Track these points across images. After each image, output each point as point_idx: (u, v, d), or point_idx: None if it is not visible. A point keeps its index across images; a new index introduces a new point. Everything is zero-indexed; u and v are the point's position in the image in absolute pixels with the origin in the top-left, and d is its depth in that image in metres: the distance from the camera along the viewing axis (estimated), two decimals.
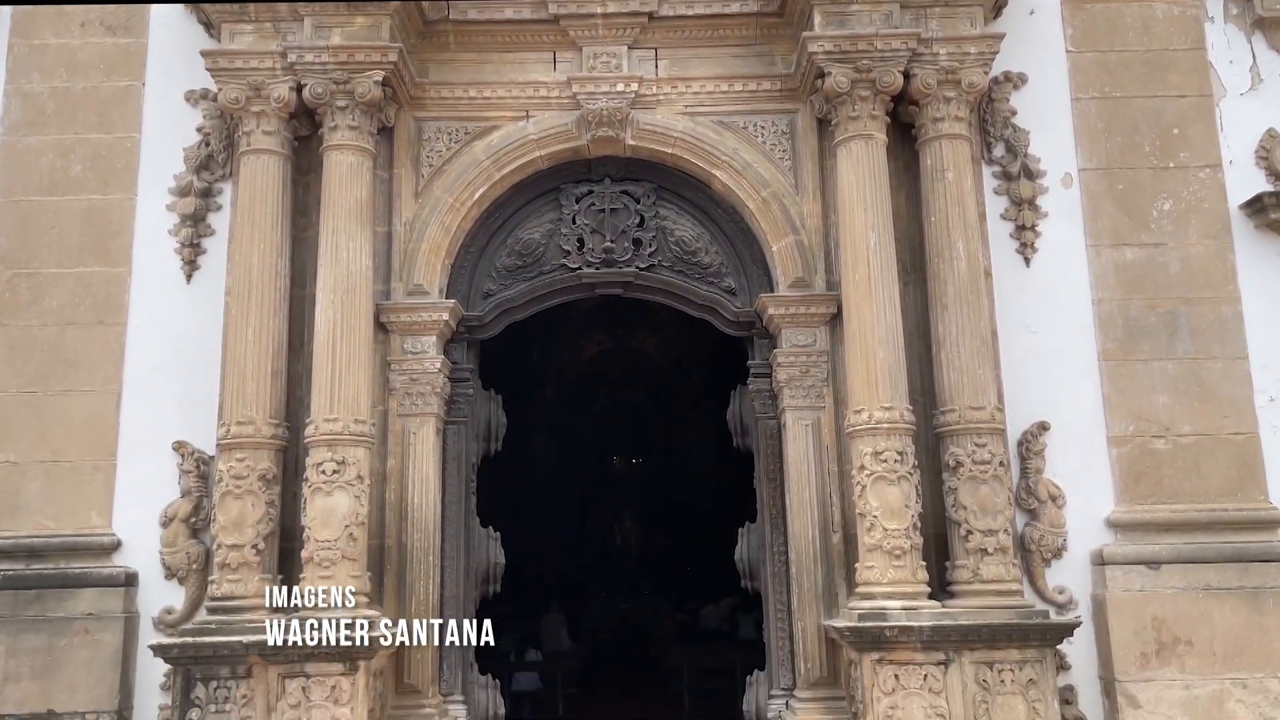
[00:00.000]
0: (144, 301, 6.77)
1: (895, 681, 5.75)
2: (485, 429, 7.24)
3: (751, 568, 6.97)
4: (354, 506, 6.05)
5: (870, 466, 6.04)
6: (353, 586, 5.98)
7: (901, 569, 5.93)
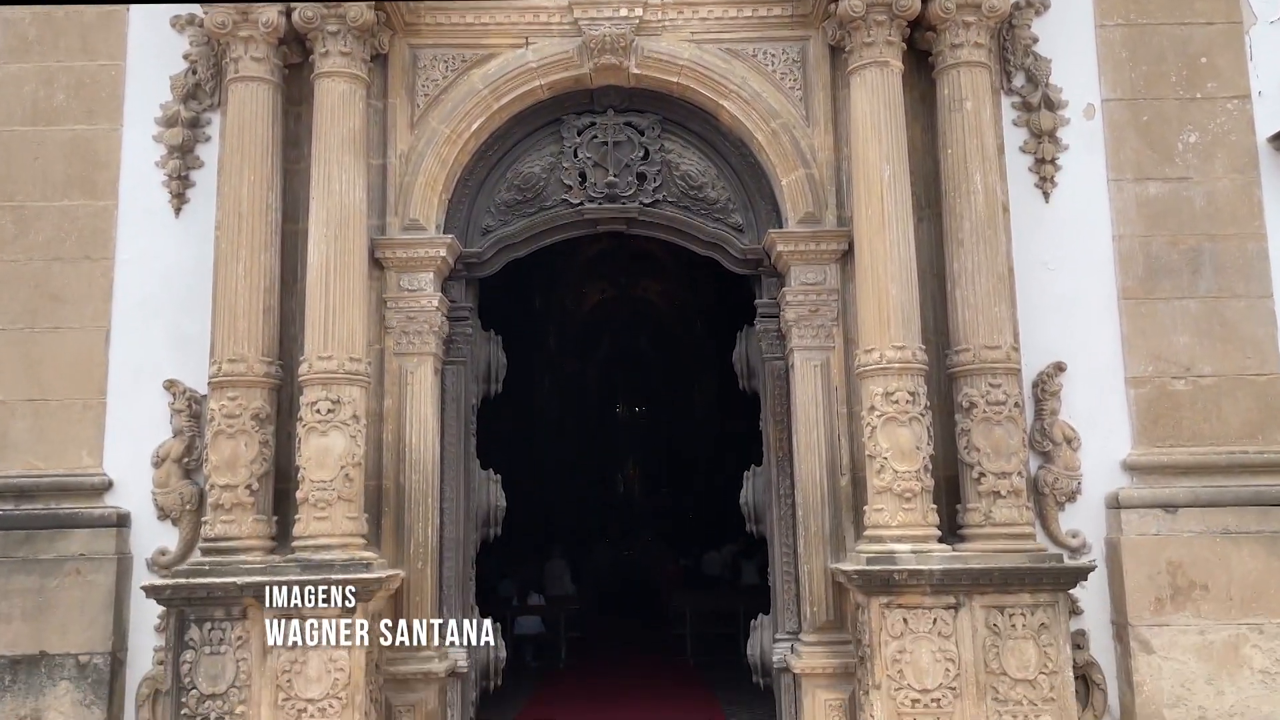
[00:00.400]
0: (132, 236, 6.52)
1: (904, 625, 5.59)
2: (485, 370, 7.02)
3: (757, 511, 6.79)
4: (350, 447, 5.85)
5: (881, 407, 5.83)
6: (349, 527, 5.82)
7: (912, 512, 5.74)
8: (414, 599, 6.13)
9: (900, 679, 5.53)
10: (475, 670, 6.61)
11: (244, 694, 5.58)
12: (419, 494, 6.24)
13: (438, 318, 6.42)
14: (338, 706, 5.53)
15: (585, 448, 24.75)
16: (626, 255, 22.48)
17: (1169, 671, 5.87)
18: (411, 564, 6.16)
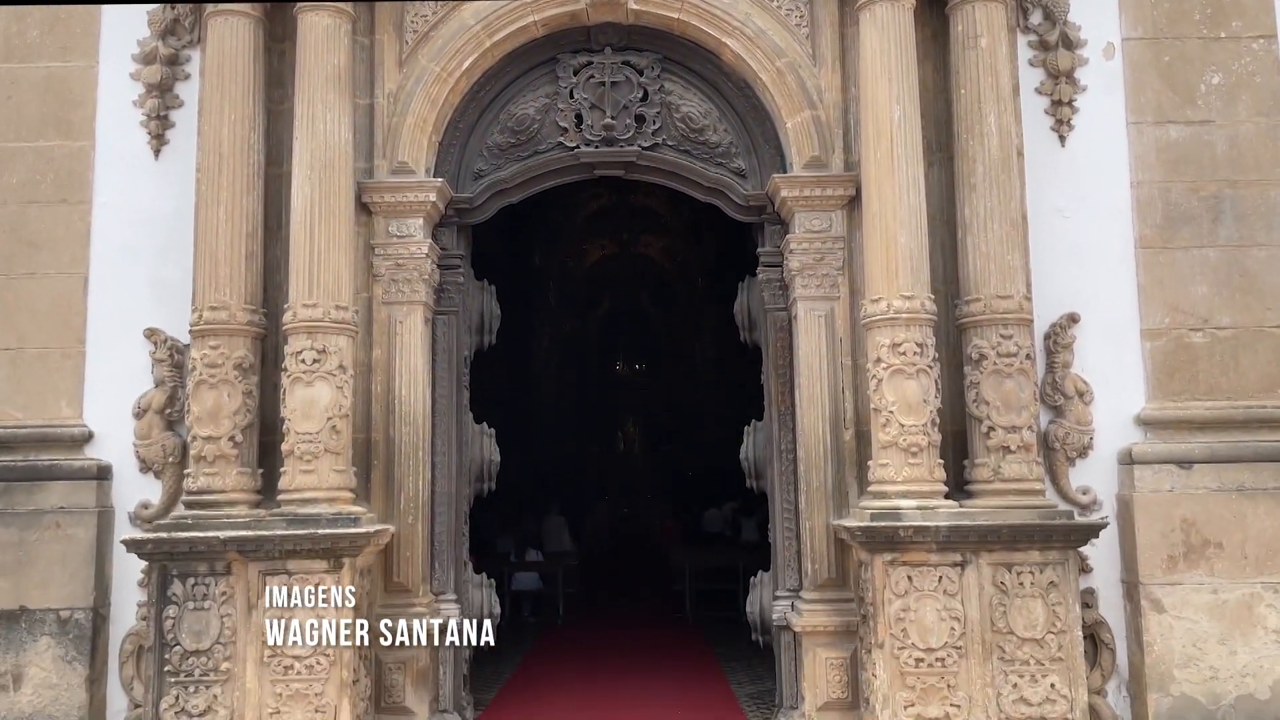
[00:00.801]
0: (110, 178, 6.23)
1: (908, 584, 5.39)
2: (478, 321, 6.77)
3: (757, 466, 6.57)
4: (336, 398, 5.62)
5: (887, 359, 5.58)
6: (337, 481, 5.60)
7: (918, 467, 5.51)
8: (404, 554, 5.93)
9: (904, 638, 5.34)
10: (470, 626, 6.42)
11: (229, 650, 5.40)
12: (409, 447, 6.02)
13: (428, 265, 6.15)
14: (325, 663, 5.34)
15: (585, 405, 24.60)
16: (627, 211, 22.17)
17: (1180, 631, 5.67)
18: (402, 519, 5.95)
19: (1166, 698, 5.64)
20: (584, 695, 7.18)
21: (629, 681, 7.63)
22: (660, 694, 7.19)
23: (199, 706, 5.37)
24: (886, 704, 5.31)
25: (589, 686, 7.47)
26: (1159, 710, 5.64)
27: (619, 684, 7.54)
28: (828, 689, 5.78)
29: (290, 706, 5.32)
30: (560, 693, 7.27)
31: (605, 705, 6.86)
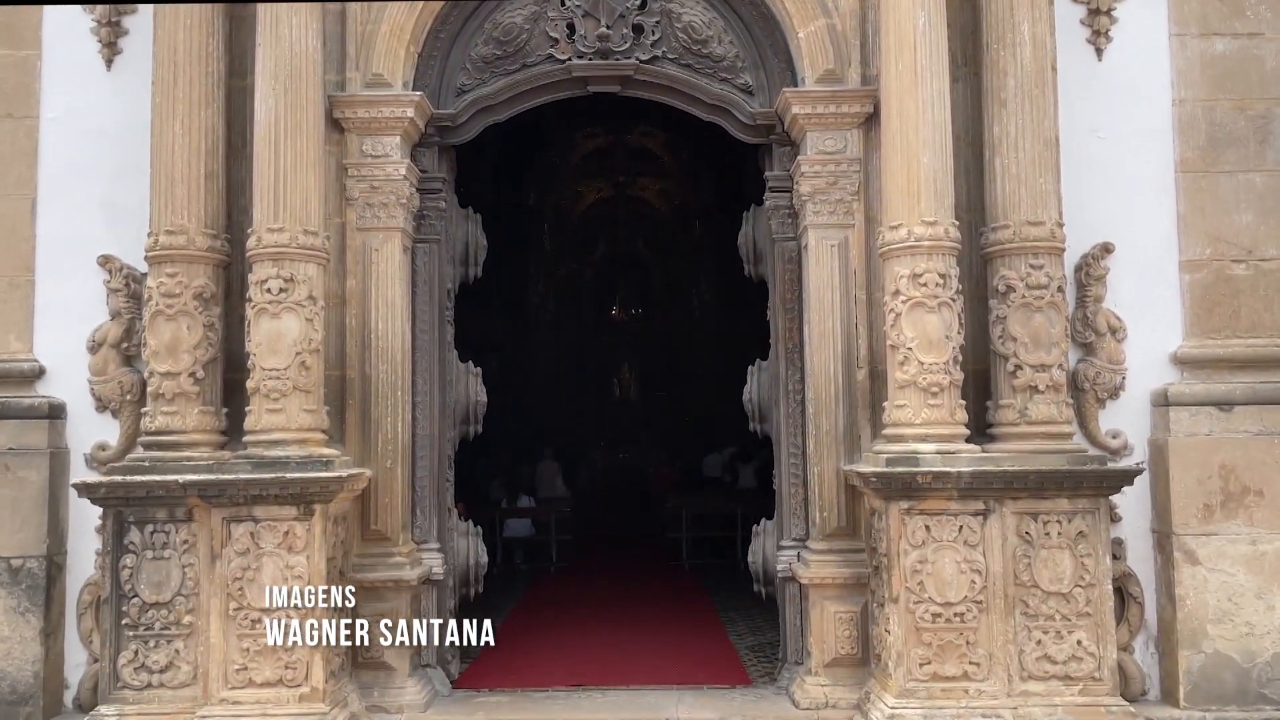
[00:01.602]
0: (59, 91, 5.63)
1: (926, 534, 4.92)
2: (462, 251, 6.22)
3: (762, 409, 6.08)
4: (305, 331, 5.08)
5: (907, 291, 5.05)
6: (307, 421, 5.10)
7: (938, 408, 5.01)
8: (383, 500, 5.45)
9: (920, 591, 4.89)
10: (454, 576, 5.98)
11: (191, 603, 4.94)
12: (387, 385, 5.51)
13: (405, 188, 5.58)
14: (295, 617, 4.89)
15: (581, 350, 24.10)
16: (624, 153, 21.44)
17: (1215, 584, 5.23)
18: (379, 462, 5.46)
19: (1198, 655, 5.22)
20: (576, 647, 6.77)
21: (623, 632, 7.22)
22: (656, 646, 6.78)
23: (160, 662, 4.92)
24: (900, 661, 4.88)
25: (581, 637, 7.06)
26: (1190, 668, 5.21)
27: (613, 635, 7.12)
28: (836, 644, 5.34)
29: (258, 663, 4.87)
30: (551, 644, 6.85)
31: (598, 658, 6.44)
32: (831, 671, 5.34)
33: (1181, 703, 5.21)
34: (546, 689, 5.72)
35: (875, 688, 5.11)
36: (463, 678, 5.92)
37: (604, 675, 5.98)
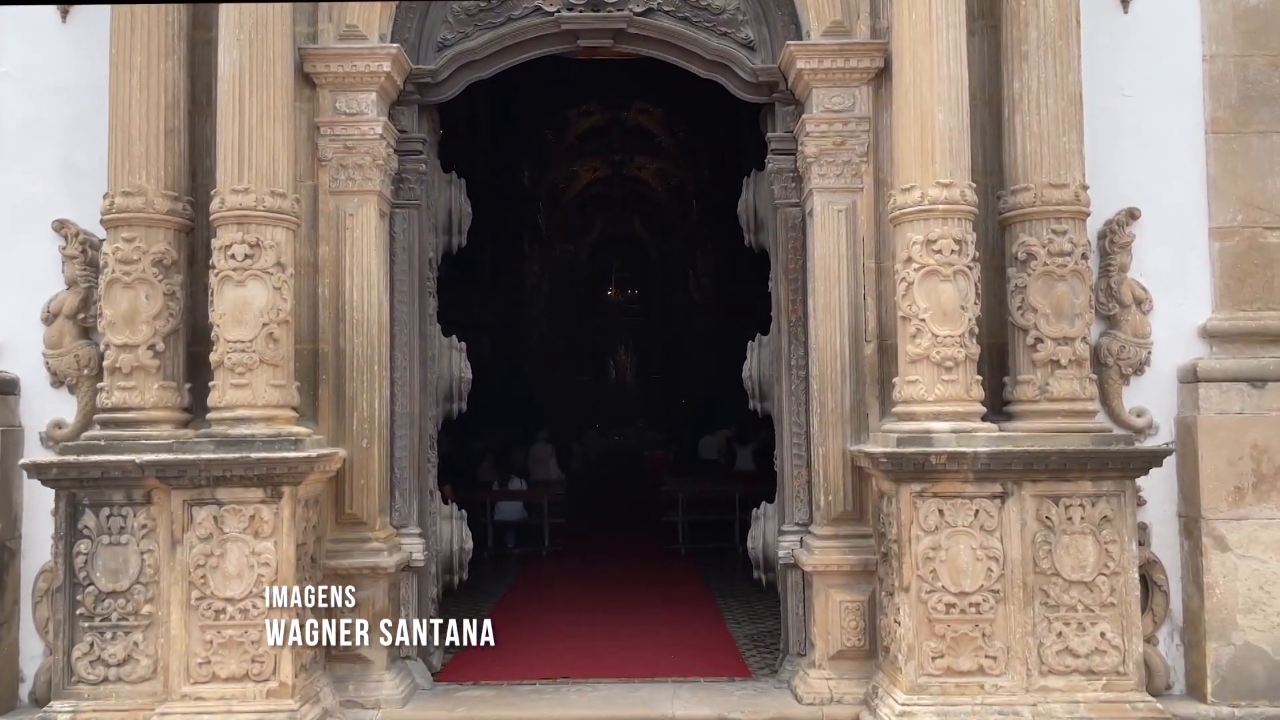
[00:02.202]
0: (11, 43, 5.22)
1: (939, 518, 4.55)
2: (445, 218, 5.81)
3: (762, 386, 5.69)
4: (273, 300, 4.68)
5: (920, 258, 4.65)
6: (275, 397, 4.71)
7: (952, 384, 4.63)
8: (358, 482, 5.06)
9: (933, 580, 4.52)
10: (437, 563, 5.61)
11: (150, 591, 4.56)
12: (363, 360, 5.11)
13: (382, 148, 5.16)
14: (263, 606, 4.52)
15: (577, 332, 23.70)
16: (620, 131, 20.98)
17: (1246, 572, 4.86)
18: (354, 442, 5.07)
19: (1227, 646, 4.85)
20: (567, 635, 6.40)
21: (616, 620, 6.85)
22: (651, 635, 6.41)
23: (117, 655, 4.54)
24: (912, 655, 4.51)
25: (572, 625, 6.69)
26: (1218, 660, 4.85)
27: (606, 622, 6.75)
28: (842, 636, 4.97)
29: (222, 656, 4.50)
30: (541, 632, 6.49)
31: (590, 648, 6.07)
32: (837, 664, 4.97)
33: (1209, 697, 4.85)
34: (534, 681, 5.34)
35: (884, 682, 4.75)
36: (446, 670, 5.55)
37: (596, 666, 5.62)
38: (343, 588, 4.90)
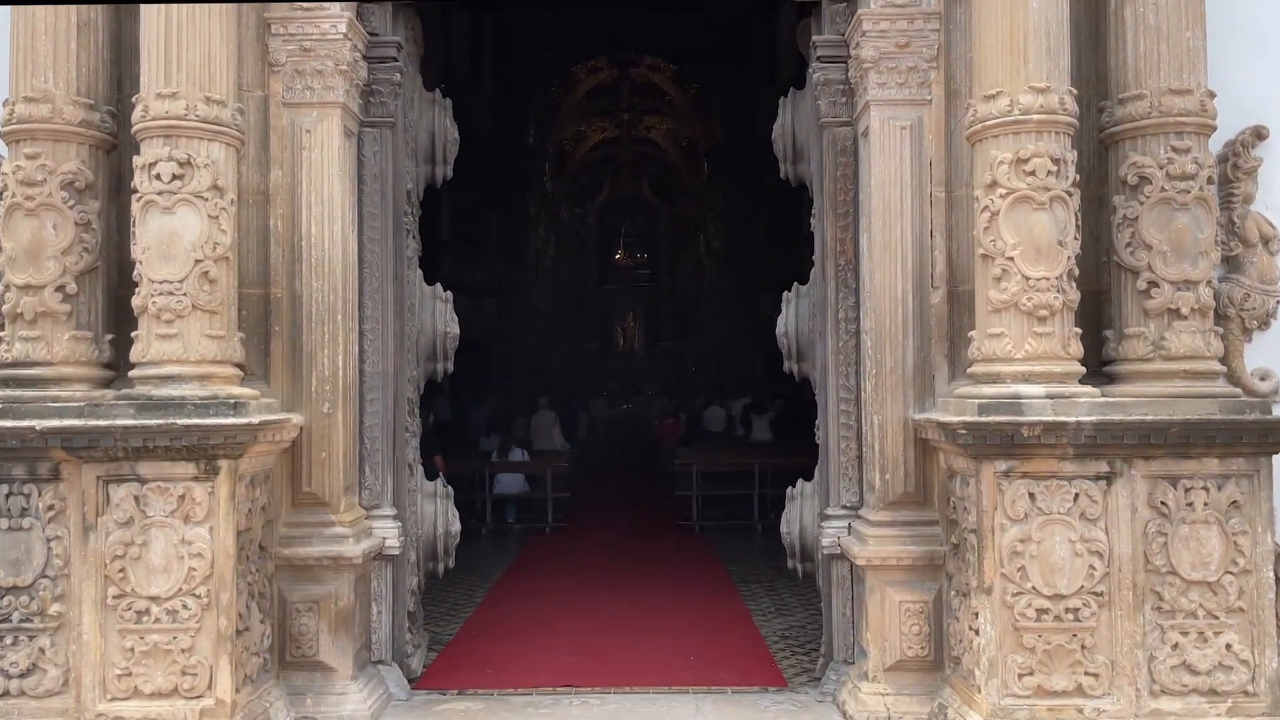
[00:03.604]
0: None
1: (1030, 504, 3.61)
2: (428, 145, 4.85)
3: (800, 345, 4.74)
4: (208, 231, 3.73)
5: (1007, 182, 3.68)
6: (212, 351, 3.77)
7: (1046, 338, 3.68)
8: (317, 455, 4.13)
9: (1021, 580, 3.59)
10: (419, 549, 4.70)
11: (59, 587, 3.66)
12: (324, 308, 4.16)
13: (347, 51, 4.18)
14: (195, 607, 3.60)
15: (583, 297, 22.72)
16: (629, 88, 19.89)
17: None
18: (313, 406, 4.13)
19: None
20: (569, 631, 5.49)
21: (625, 611, 5.94)
22: (667, 631, 5.49)
23: (19, 664, 3.64)
24: (994, 670, 3.59)
25: (576, 618, 5.78)
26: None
27: (613, 615, 5.84)
28: (901, 643, 4.05)
29: (146, 666, 3.60)
30: (541, 628, 5.58)
31: (597, 647, 5.17)
32: (894, 677, 4.06)
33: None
34: (530, 690, 4.44)
35: (953, 701, 3.84)
36: (427, 675, 4.66)
37: (602, 670, 4.72)
38: (300, 581, 4.05)
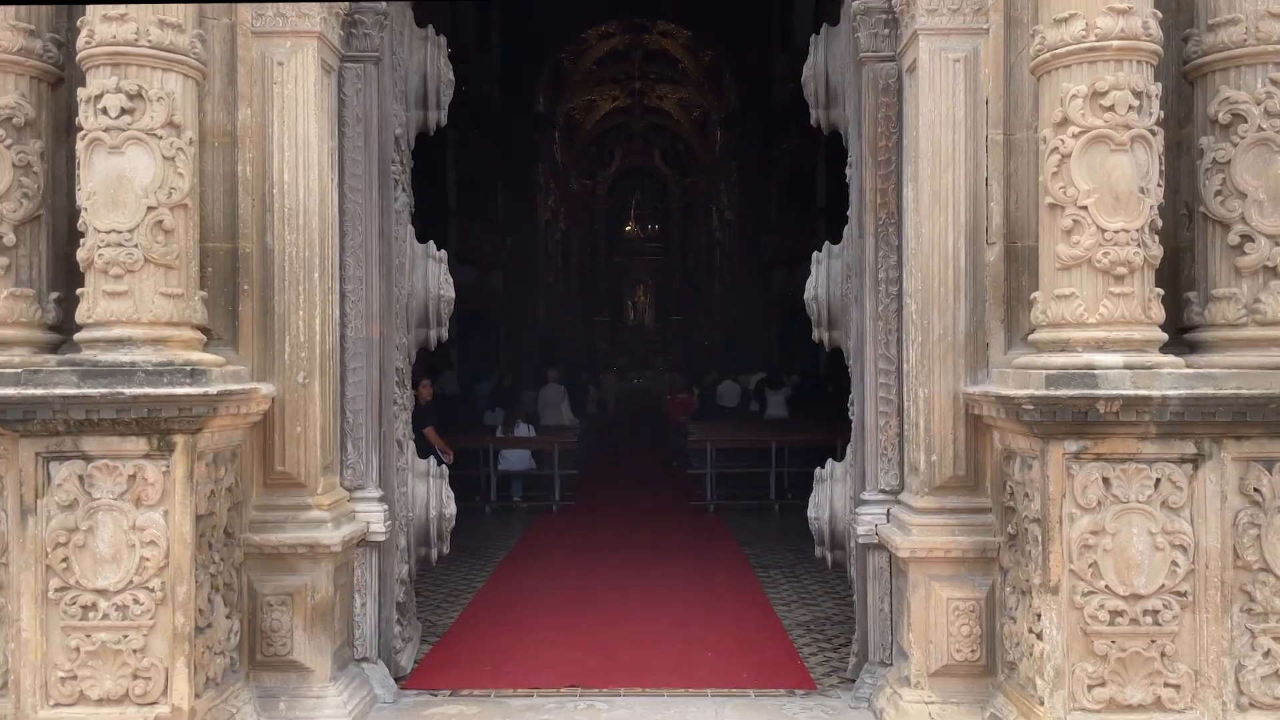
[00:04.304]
0: None
1: (1103, 490, 3.11)
2: (419, 87, 4.33)
3: (832, 310, 4.23)
4: (163, 174, 3.24)
5: (1081, 119, 3.15)
6: (168, 311, 3.29)
7: (1125, 299, 3.16)
8: (292, 430, 3.65)
9: (1093, 578, 3.09)
10: (409, 533, 4.24)
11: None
12: (299, 265, 3.66)
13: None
14: (148, 602, 3.14)
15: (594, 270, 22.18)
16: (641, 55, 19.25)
17: None
18: (286, 375, 3.65)
19: None
20: (575, 623, 5.03)
21: (635, 601, 5.46)
22: (681, 623, 5.02)
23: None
24: (1059, 680, 3.10)
25: (582, 608, 5.31)
26: None
27: (623, 605, 5.37)
28: (949, 646, 3.56)
29: (93, 669, 3.14)
30: (545, 617, 5.12)
31: (606, 641, 4.70)
32: (940, 683, 3.57)
33: None
34: (531, 692, 3.98)
35: (1009, 713, 3.35)
36: (418, 672, 4.21)
37: (611, 668, 4.26)
38: (272, 571, 3.59)
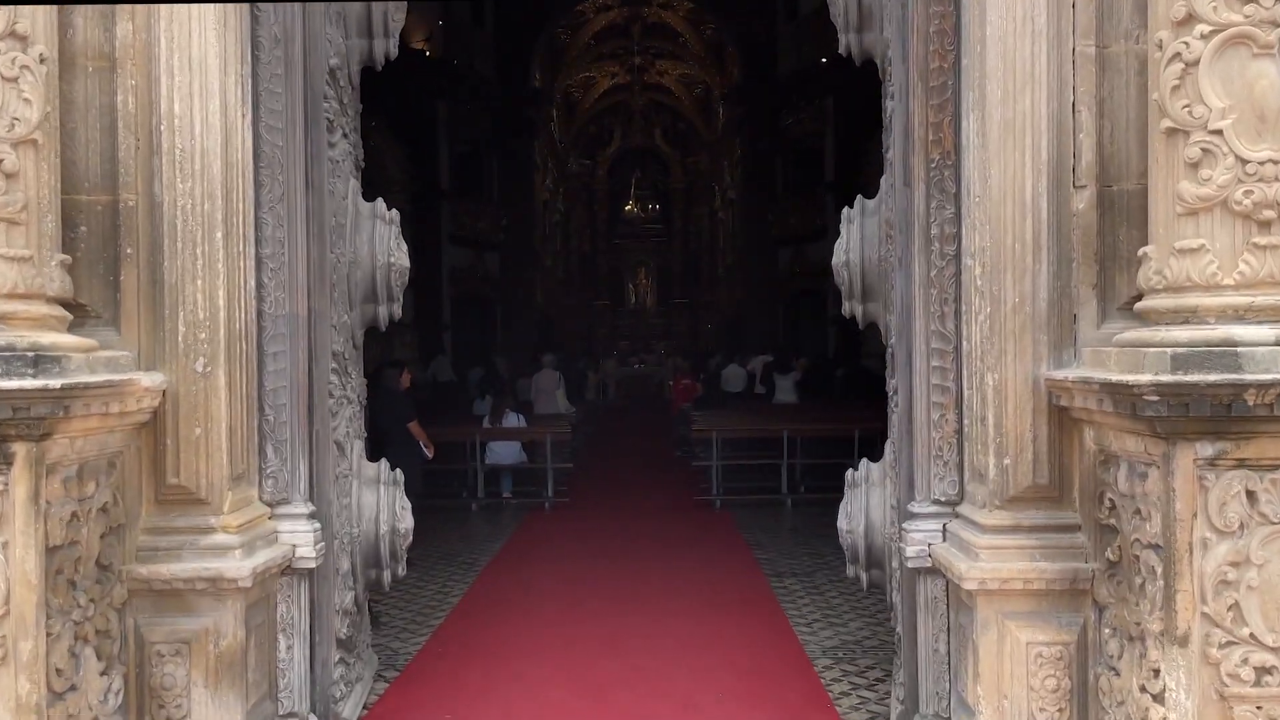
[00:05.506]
0: None
1: (1247, 507, 2.30)
2: (362, 10, 3.52)
3: (866, 277, 3.43)
4: (9, 101, 2.44)
5: (1211, 14, 2.33)
6: (13, 280, 2.48)
7: (1274, 252, 2.35)
8: (189, 432, 2.83)
9: (1234, 624, 2.29)
10: (355, 554, 3.45)
11: None
12: (196, 222, 2.84)
13: None
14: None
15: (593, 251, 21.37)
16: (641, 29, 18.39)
17: None
18: (182, 364, 2.84)
19: None
20: (570, 641, 4.25)
21: (634, 618, 4.68)
22: (684, 644, 4.25)
23: None
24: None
25: (575, 626, 4.53)
26: None
27: (623, 624, 4.59)
28: (1030, 704, 2.75)
29: None
30: (526, 645, 4.33)
31: (598, 674, 3.92)
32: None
33: None
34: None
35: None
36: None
37: (601, 713, 3.48)
38: (164, 613, 2.80)
